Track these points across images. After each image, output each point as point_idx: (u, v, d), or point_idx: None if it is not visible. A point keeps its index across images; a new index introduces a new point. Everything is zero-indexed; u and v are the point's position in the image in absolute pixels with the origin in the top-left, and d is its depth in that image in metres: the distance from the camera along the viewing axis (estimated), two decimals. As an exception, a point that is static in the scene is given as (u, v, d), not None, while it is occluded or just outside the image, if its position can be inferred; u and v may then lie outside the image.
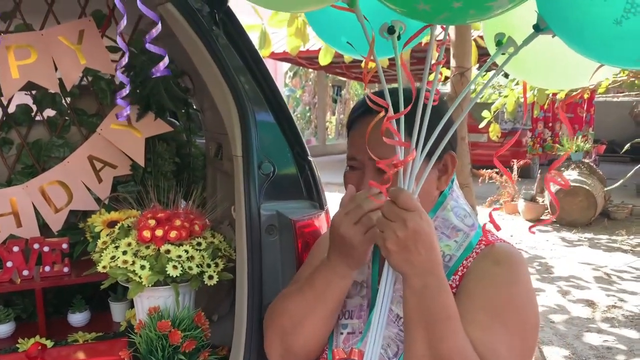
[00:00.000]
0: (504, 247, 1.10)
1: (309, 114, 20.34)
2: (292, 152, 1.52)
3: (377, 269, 1.18)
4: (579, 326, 4.23)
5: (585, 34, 0.80)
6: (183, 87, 2.26)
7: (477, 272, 1.06)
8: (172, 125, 2.20)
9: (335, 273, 1.09)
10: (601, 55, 0.83)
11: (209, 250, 1.57)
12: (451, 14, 0.84)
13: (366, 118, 1.09)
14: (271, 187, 1.46)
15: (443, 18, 0.87)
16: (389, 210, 0.93)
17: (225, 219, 1.94)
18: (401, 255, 0.92)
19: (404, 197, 0.92)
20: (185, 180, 2.23)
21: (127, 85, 1.64)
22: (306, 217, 1.45)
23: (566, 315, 4.45)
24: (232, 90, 1.50)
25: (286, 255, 1.42)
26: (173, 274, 1.48)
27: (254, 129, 1.47)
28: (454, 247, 1.10)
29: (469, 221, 1.14)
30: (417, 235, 0.90)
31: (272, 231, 1.43)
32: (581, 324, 4.29)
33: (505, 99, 5.33)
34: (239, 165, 1.46)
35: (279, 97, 1.55)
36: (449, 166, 1.15)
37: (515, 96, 5.23)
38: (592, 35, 0.80)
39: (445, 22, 0.95)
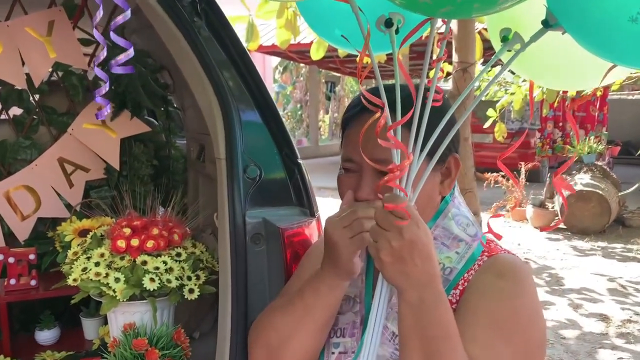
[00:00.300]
0: (508, 259, 1.11)
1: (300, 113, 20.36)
2: (281, 154, 1.52)
3: (371, 282, 1.18)
4: (591, 342, 4.25)
5: (598, 31, 0.81)
6: (162, 84, 2.25)
7: (478, 285, 1.06)
8: (150, 125, 2.19)
9: (323, 283, 1.10)
10: (614, 55, 0.83)
11: (190, 261, 1.57)
12: (454, 8, 0.84)
13: (363, 116, 1.09)
14: (257, 193, 1.46)
15: (445, 12, 0.87)
16: (383, 218, 0.93)
17: (207, 227, 1.93)
18: (396, 266, 0.92)
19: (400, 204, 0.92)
20: (164, 184, 2.23)
21: (107, 82, 1.64)
22: (295, 225, 1.45)
23: (578, 331, 4.46)
24: (215, 86, 1.49)
25: (273, 266, 1.42)
26: (150, 288, 1.48)
27: (239, 129, 1.47)
28: (455, 259, 1.10)
29: (472, 230, 1.14)
30: (413, 245, 0.91)
31: (259, 240, 1.42)
32: (594, 340, 4.31)
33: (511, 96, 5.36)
34: (222, 168, 1.46)
35: (266, 94, 1.55)
36: (453, 169, 1.15)
37: (522, 93, 5.26)
38: (604, 33, 0.80)
39: (447, 16, 0.95)
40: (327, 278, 1.09)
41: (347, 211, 1.04)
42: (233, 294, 1.40)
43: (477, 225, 1.16)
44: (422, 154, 1.00)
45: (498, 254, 1.11)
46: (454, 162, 1.15)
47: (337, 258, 1.05)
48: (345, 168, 1.14)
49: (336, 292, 1.10)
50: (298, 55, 12.53)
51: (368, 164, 1.05)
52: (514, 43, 1.00)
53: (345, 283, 1.10)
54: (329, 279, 1.09)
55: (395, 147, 0.96)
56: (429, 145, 1.00)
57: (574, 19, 0.85)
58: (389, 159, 1.00)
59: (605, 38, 0.81)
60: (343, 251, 1.03)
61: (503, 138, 5.21)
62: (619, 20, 0.77)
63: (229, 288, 1.42)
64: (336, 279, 1.08)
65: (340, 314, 1.17)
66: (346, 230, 1.02)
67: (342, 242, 1.03)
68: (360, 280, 1.18)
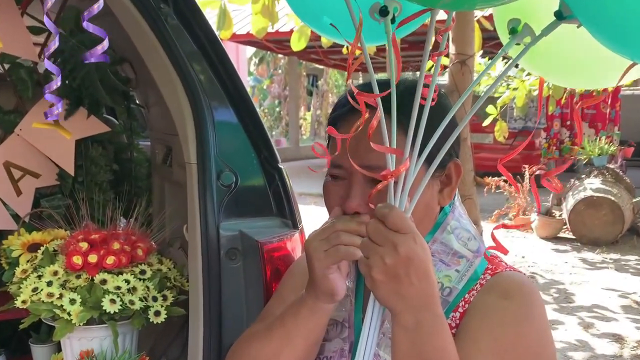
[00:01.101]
0: (514, 277, 1.11)
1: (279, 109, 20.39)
2: (259, 158, 1.52)
3: (360, 304, 1.17)
4: (604, 366, 4.29)
5: (616, 25, 0.81)
6: (123, 78, 2.24)
7: (481, 307, 1.06)
8: (109, 125, 2.17)
9: (304, 306, 1.10)
10: (635, 52, 0.84)
11: (156, 279, 1.56)
12: None
13: (354, 117, 1.08)
14: (233, 202, 1.45)
15: (447, 3, 0.87)
16: (376, 232, 0.92)
17: (175, 241, 1.92)
18: (390, 286, 0.92)
19: (395, 216, 0.92)
20: (126, 192, 2.20)
21: (58, 76, 1.62)
22: (276, 238, 1.46)
23: (589, 353, 4.50)
24: (184, 81, 1.49)
25: (251, 285, 1.42)
26: (110, 310, 1.47)
27: (212, 129, 1.47)
28: (454, 278, 1.10)
29: (474, 245, 1.14)
30: (409, 262, 0.90)
31: (234, 256, 1.42)
32: (607, 363, 4.35)
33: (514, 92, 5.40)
34: (192, 174, 1.46)
35: (242, 89, 1.55)
36: (453, 177, 1.15)
37: (526, 89, 5.31)
38: (624, 27, 0.80)
39: (450, 8, 0.96)
40: (308, 300, 1.09)
41: (328, 223, 1.05)
42: (205, 316, 1.40)
43: (479, 238, 1.16)
44: (419, 159, 1.00)
45: (502, 272, 1.12)
46: (455, 168, 1.15)
47: (311, 274, 1.06)
48: (333, 175, 1.13)
49: (318, 317, 1.10)
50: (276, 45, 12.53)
51: (359, 172, 1.05)
52: (524, 36, 1.00)
53: (327, 306, 1.10)
54: (310, 301, 1.09)
55: (390, 152, 0.96)
56: (428, 149, 1.00)
57: (591, 11, 0.85)
58: (382, 166, 1.00)
59: (625, 33, 0.81)
60: (316, 265, 1.04)
61: (504, 138, 5.24)
62: (640, 14, 0.77)
63: (200, 310, 1.41)
64: (316, 301, 1.08)
65: (326, 340, 1.17)
66: (322, 243, 1.03)
67: (315, 255, 1.03)
68: (349, 303, 1.17)
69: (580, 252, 7.41)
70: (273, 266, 1.43)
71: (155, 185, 2.35)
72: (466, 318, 1.06)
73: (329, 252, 1.02)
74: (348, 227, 1.02)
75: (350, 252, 1.01)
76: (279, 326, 1.14)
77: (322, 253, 1.03)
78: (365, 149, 0.98)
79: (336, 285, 1.06)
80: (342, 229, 1.02)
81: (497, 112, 5.13)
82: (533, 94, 5.49)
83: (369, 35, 1.04)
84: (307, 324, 1.10)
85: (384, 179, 0.93)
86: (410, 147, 0.99)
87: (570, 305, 5.48)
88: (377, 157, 1.01)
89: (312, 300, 1.09)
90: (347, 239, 1.02)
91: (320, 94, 21.22)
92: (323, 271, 1.04)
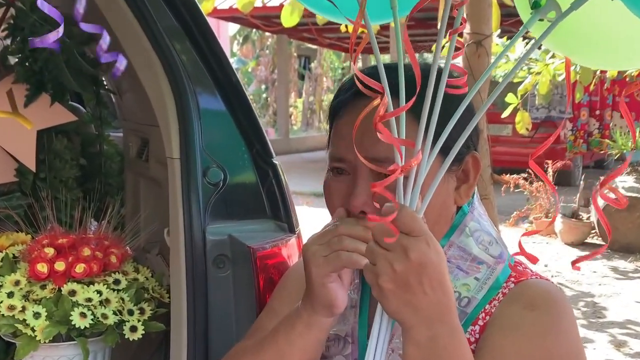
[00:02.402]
0: (540, 285, 1.12)
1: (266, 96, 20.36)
2: (251, 152, 1.52)
3: (366, 317, 1.18)
4: (638, 389, 4.32)
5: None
6: (92, 60, 2.23)
7: (504, 319, 1.07)
8: (76, 113, 2.17)
9: (300, 319, 1.10)
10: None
11: (132, 290, 1.56)
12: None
13: (358, 103, 1.09)
14: (221, 202, 1.46)
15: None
16: (384, 235, 0.92)
17: (154, 247, 1.93)
18: (400, 296, 0.92)
19: (406, 217, 0.92)
20: (96, 190, 2.20)
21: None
22: (270, 243, 1.46)
23: (621, 375, 4.52)
24: (164, 62, 1.49)
25: (242, 296, 1.42)
26: (80, 325, 1.47)
27: (197, 119, 1.47)
28: (474, 287, 1.11)
29: (495, 250, 1.15)
30: (422, 268, 0.91)
31: (223, 263, 1.43)
32: (642, 386, 4.37)
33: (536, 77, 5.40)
34: (175, 170, 1.46)
35: (231, 73, 1.55)
36: (471, 172, 1.16)
37: (550, 73, 5.31)
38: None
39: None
40: (304, 312, 1.10)
41: (330, 226, 1.06)
42: (189, 332, 1.40)
43: (502, 242, 1.17)
44: (433, 151, 1.00)
45: (527, 280, 1.12)
46: (473, 162, 1.16)
47: (308, 283, 1.07)
48: (335, 169, 1.14)
49: (315, 333, 1.11)
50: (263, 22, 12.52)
51: (364, 165, 1.04)
52: (548, 10, 1.00)
53: (325, 320, 1.10)
54: (306, 314, 1.10)
55: (400, 144, 0.96)
56: (443, 139, 1.00)
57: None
58: (390, 158, 1.00)
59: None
60: (314, 272, 1.05)
61: (527, 130, 5.23)
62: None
63: (183, 325, 1.41)
64: (313, 314, 1.09)
65: (327, 358, 1.17)
66: (322, 248, 1.04)
67: (313, 261, 1.04)
68: (352, 315, 1.18)
69: (611, 260, 7.42)
70: (266, 275, 1.43)
71: (128, 182, 2.34)
72: (487, 332, 1.07)
73: (329, 258, 1.03)
74: (352, 231, 1.03)
75: (353, 259, 1.01)
76: (270, 343, 1.14)
77: (321, 259, 1.04)
78: (372, 139, 0.98)
79: (336, 296, 1.06)
80: (346, 233, 1.03)
81: (517, 100, 5.11)
82: (557, 79, 5.50)
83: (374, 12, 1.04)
84: (302, 341, 1.11)
85: (394, 173, 0.91)
86: (423, 137, 0.99)
87: (600, 321, 5.49)
88: (385, 148, 1.01)
89: (308, 313, 1.09)
90: (350, 245, 1.02)
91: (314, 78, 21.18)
92: (321, 279, 1.05)
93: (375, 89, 0.94)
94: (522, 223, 8.48)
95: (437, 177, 1.01)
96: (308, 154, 16.72)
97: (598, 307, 5.82)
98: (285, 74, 17.78)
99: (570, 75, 4.12)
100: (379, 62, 1.02)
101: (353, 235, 1.03)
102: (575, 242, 7.91)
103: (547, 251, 7.71)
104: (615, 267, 7.13)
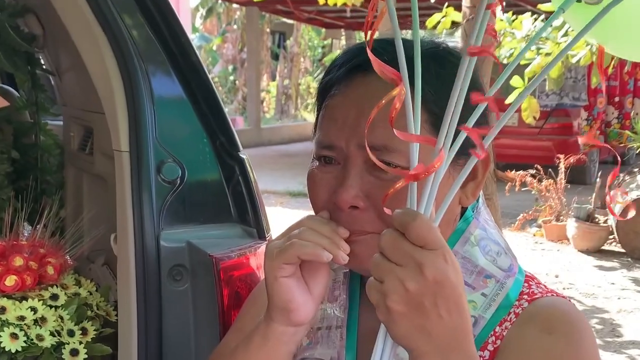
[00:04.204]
0: (559, 306, 1.12)
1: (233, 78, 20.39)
2: (214, 144, 1.53)
3: (354, 339, 1.18)
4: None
5: None
6: (26, 34, 2.22)
7: (518, 344, 1.07)
8: (7, 98, 2.16)
9: (256, 331, 1.11)
10: None
11: (72, 307, 1.56)
12: None
13: (356, 79, 1.09)
14: (179, 203, 1.46)
15: None
16: (394, 247, 0.91)
17: (98, 256, 1.93)
18: (412, 320, 0.91)
19: (420, 227, 0.90)
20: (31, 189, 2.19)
21: None
22: (236, 252, 1.46)
23: (642, 402, 4.57)
24: (112, 39, 1.49)
25: (203, 314, 1.42)
26: (11, 348, 1.46)
27: (150, 105, 1.47)
28: (481, 305, 1.11)
29: (504, 262, 1.15)
30: (439, 288, 0.90)
31: (180, 275, 1.43)
32: (665, 415, 4.42)
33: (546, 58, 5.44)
34: (123, 166, 1.46)
35: (191, 52, 1.55)
36: (479, 168, 1.15)
37: (562, 54, 5.35)
38: None
39: None
40: (262, 322, 1.10)
41: None
42: (140, 356, 1.40)
43: (511, 253, 1.17)
44: (453, 149, 0.98)
45: (543, 298, 1.12)
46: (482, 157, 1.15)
47: (265, 280, 1.08)
48: (323, 157, 1.12)
49: (272, 346, 1.10)
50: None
51: (357, 154, 1.05)
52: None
53: (284, 330, 1.09)
54: (264, 323, 1.10)
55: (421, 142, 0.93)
56: (462, 136, 0.96)
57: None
58: (389, 146, 1.01)
59: None
60: (267, 264, 1.06)
61: (535, 119, 5.27)
62: None
63: (133, 348, 1.41)
64: (270, 321, 1.09)
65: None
66: (280, 241, 1.05)
67: (269, 254, 1.06)
68: (338, 337, 1.18)
69: (630, 270, 7.50)
70: (232, 289, 1.43)
71: (69, 179, 2.33)
72: (499, 358, 1.07)
73: (283, 247, 1.04)
74: (317, 225, 1.04)
75: (309, 249, 1.02)
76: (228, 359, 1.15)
77: (276, 250, 1.05)
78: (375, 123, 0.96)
79: (292, 296, 1.06)
80: (309, 225, 1.04)
81: (524, 84, 5.13)
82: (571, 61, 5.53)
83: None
84: (260, 355, 1.11)
85: (416, 179, 0.90)
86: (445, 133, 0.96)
87: (618, 340, 5.55)
88: (383, 134, 1.00)
89: (266, 322, 1.10)
90: (310, 236, 1.03)
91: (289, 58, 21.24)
92: (274, 272, 1.05)
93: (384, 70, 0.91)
94: (529, 227, 8.55)
95: (458, 181, 0.98)
96: (282, 146, 16.79)
97: (615, 324, 5.88)
98: (256, 53, 17.80)
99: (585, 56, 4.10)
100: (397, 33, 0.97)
101: (317, 230, 1.04)
102: (590, 249, 7.97)
103: (559, 260, 7.78)
104: (635, 278, 7.21)
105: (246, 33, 18.36)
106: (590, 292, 6.71)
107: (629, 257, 7.82)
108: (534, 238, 8.50)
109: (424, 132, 1.04)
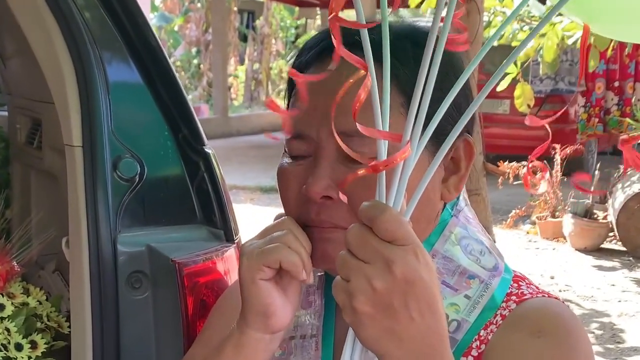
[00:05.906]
0: (550, 307, 1.13)
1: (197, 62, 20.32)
2: (176, 138, 1.53)
3: (330, 349, 1.19)
4: None
5: None
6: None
7: (505, 350, 1.08)
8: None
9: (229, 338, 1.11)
10: None
11: (20, 318, 1.56)
12: None
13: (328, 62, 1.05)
14: (137, 203, 1.46)
15: None
16: (361, 243, 0.91)
17: (49, 261, 1.92)
18: (380, 322, 0.91)
19: (389, 220, 0.90)
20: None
21: None
22: (202, 256, 1.46)
23: (645, 414, 4.61)
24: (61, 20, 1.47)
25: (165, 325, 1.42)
26: (-48, 365, 1.46)
27: (105, 95, 1.46)
28: (464, 308, 1.11)
29: (489, 261, 1.15)
30: (409, 287, 0.90)
31: (139, 283, 1.42)
32: None
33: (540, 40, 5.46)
34: (76, 162, 1.45)
35: (149, 35, 1.55)
36: (463, 160, 1.16)
37: (558, 36, 5.38)
38: None
39: None
40: (235, 330, 1.10)
41: None
42: (96, 372, 1.40)
43: (496, 252, 1.18)
44: (423, 139, 0.99)
45: (532, 299, 1.13)
46: (466, 148, 1.15)
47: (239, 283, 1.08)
48: (293, 149, 1.13)
49: (248, 355, 1.10)
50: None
51: (328, 142, 1.06)
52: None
53: (260, 337, 1.09)
54: (238, 331, 1.10)
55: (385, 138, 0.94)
56: (434, 124, 0.98)
57: None
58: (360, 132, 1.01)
59: None
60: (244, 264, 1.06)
61: (528, 107, 5.29)
62: None
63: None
64: (245, 328, 1.09)
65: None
66: (261, 241, 1.06)
67: (247, 254, 1.06)
68: (313, 346, 1.18)
69: (632, 270, 7.54)
70: (197, 297, 1.43)
71: (15, 176, 2.33)
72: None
73: (265, 249, 1.04)
74: (300, 235, 1.05)
75: (290, 259, 1.03)
76: None
77: (257, 250, 1.05)
78: (339, 107, 0.96)
79: (272, 300, 1.06)
80: (293, 229, 1.05)
81: (517, 70, 5.15)
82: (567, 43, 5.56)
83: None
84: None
85: (375, 170, 0.90)
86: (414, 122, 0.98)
87: (620, 347, 5.58)
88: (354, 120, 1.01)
89: (239, 330, 1.09)
90: (293, 243, 1.04)
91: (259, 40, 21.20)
92: (252, 274, 1.05)
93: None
94: (522, 224, 8.58)
95: (429, 171, 0.99)
96: (252, 137, 16.74)
97: (616, 329, 5.91)
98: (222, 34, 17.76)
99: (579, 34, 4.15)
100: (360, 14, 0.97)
101: (299, 238, 1.05)
102: (588, 248, 8.00)
103: (554, 259, 7.81)
104: (638, 280, 7.24)
105: (211, 12, 18.31)
106: (589, 294, 6.74)
107: (630, 256, 7.85)
108: (527, 236, 8.54)
109: (400, 116, 1.04)
